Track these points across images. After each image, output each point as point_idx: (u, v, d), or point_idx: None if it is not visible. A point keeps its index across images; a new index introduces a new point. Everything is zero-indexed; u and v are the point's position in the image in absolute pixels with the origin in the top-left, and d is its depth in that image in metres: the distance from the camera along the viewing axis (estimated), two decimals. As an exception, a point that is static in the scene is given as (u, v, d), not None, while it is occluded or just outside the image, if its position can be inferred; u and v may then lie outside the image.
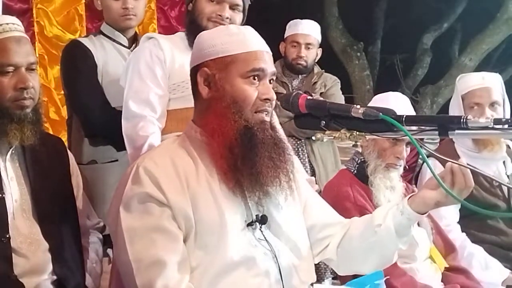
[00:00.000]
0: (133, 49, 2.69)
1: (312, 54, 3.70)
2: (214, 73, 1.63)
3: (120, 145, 2.56)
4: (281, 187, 1.64)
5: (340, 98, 3.71)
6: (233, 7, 2.28)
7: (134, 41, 2.75)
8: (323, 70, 3.80)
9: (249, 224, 1.63)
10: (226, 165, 1.59)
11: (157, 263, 1.52)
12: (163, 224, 1.54)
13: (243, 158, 1.58)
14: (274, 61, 4.05)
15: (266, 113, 1.64)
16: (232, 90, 1.61)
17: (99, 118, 2.57)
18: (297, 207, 1.78)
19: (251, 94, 1.61)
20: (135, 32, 2.80)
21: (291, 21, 3.78)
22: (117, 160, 2.62)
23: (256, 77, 1.62)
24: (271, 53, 1.70)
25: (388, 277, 1.92)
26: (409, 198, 1.66)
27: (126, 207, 1.57)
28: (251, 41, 1.66)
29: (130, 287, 1.56)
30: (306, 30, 3.69)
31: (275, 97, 1.66)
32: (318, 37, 3.75)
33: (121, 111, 2.36)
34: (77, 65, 2.64)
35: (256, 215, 1.64)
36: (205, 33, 1.75)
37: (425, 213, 1.66)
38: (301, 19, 3.79)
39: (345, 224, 1.82)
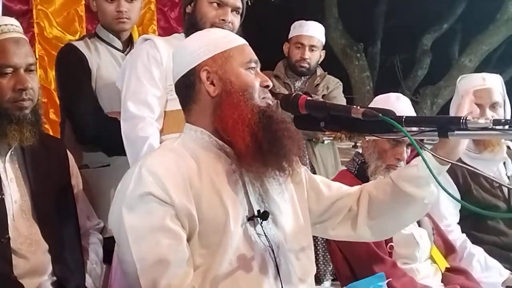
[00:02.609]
0: (127, 52, 2.69)
1: (315, 56, 3.71)
2: (215, 69, 1.65)
3: (111, 152, 2.57)
4: (296, 165, 1.68)
5: (342, 101, 3.71)
6: (234, 10, 2.28)
7: (128, 44, 2.74)
8: (326, 72, 3.81)
9: (250, 219, 1.64)
10: (253, 151, 1.59)
11: (161, 263, 1.52)
12: (166, 224, 1.54)
13: (269, 141, 1.60)
14: (277, 62, 4.06)
15: (269, 99, 1.69)
16: (239, 81, 1.65)
17: (90, 126, 2.57)
18: (302, 196, 1.80)
19: (255, 82, 1.67)
20: (130, 35, 2.80)
21: (296, 22, 3.78)
22: (109, 165, 2.62)
23: (252, 68, 1.69)
24: None
25: (390, 279, 1.92)
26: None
27: (129, 207, 1.57)
28: (235, 36, 1.75)
29: (134, 287, 1.56)
30: (311, 32, 3.70)
31: (271, 84, 1.72)
32: (322, 39, 3.76)
33: (113, 117, 2.36)
34: (70, 71, 2.64)
35: (258, 211, 1.65)
36: (186, 41, 1.79)
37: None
38: (301, 20, 3.79)
39: (358, 195, 1.85)
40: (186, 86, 1.70)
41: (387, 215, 1.82)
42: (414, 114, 2.37)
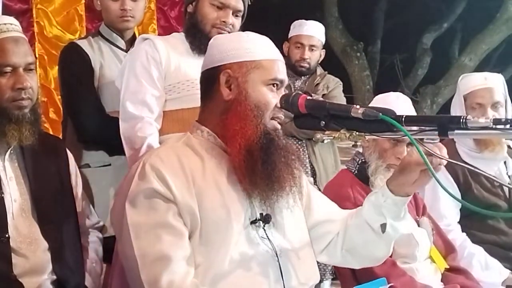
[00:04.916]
0: None
1: (315, 56, 3.70)
2: (237, 76, 1.66)
3: (112, 151, 2.57)
4: (292, 192, 1.68)
5: (342, 100, 3.71)
6: (235, 13, 2.28)
7: (132, 43, 2.73)
8: (326, 72, 3.80)
9: (253, 222, 1.65)
10: (245, 167, 1.61)
11: (162, 259, 1.53)
12: (168, 220, 1.56)
13: (263, 162, 1.61)
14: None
15: (279, 120, 1.69)
16: (255, 95, 1.65)
17: (91, 125, 2.57)
18: (300, 208, 1.80)
19: (272, 101, 1.67)
20: (134, 34, 2.80)
21: (296, 22, 3.77)
22: (110, 165, 2.62)
23: (275, 86, 1.68)
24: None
25: (391, 284, 1.91)
26: (388, 185, 1.67)
27: (132, 202, 1.58)
28: (273, 49, 1.73)
29: (135, 283, 1.57)
30: (311, 32, 3.69)
31: None
32: (322, 39, 3.75)
33: (114, 117, 2.36)
34: (73, 70, 2.64)
35: (260, 214, 1.66)
36: (224, 36, 1.79)
37: (409, 195, 1.67)
38: (301, 19, 3.78)
39: (344, 220, 1.83)
40: (207, 81, 1.72)
41: (358, 247, 1.78)
42: (414, 114, 2.37)
